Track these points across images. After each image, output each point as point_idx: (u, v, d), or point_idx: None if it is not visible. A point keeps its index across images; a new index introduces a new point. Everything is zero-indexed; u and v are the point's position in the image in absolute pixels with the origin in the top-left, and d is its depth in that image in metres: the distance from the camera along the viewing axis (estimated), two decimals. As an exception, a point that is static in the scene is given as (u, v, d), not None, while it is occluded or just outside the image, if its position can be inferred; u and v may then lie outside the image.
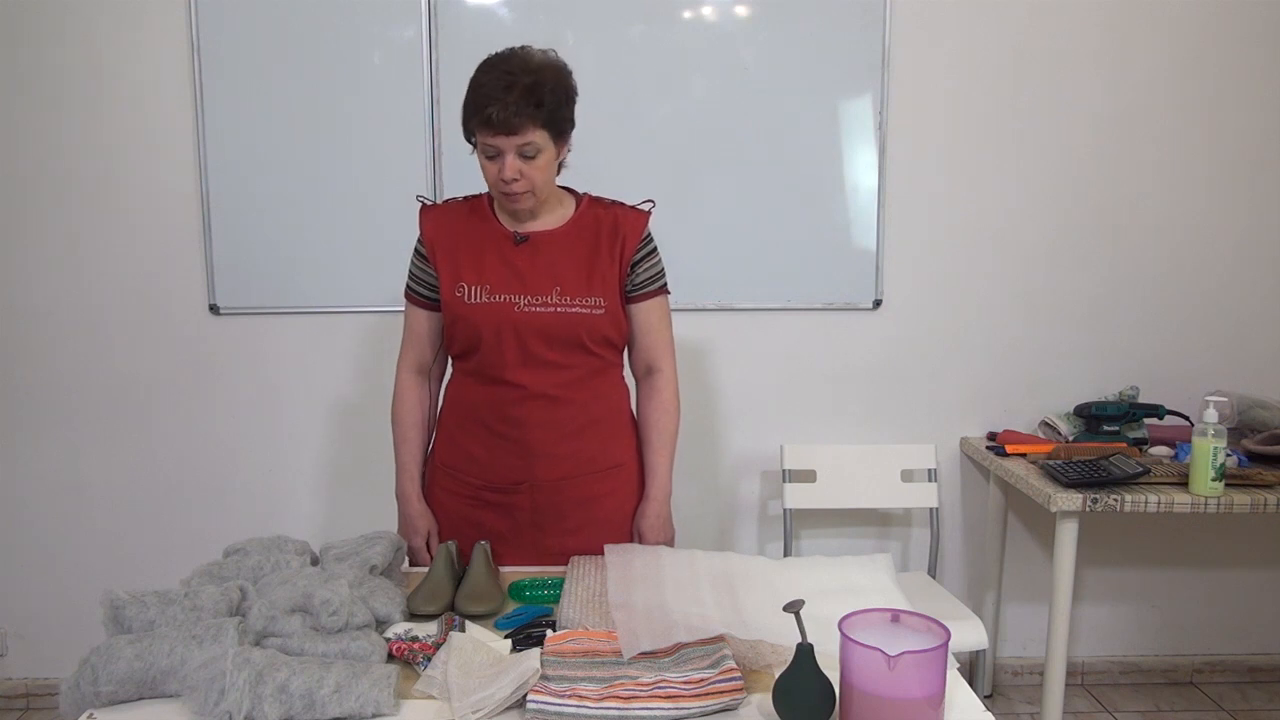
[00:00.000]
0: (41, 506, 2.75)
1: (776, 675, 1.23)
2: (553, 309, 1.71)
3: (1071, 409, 2.75)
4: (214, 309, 2.68)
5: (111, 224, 2.65)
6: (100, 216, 2.64)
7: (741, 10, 2.61)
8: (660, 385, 1.84)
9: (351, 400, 2.74)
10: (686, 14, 2.61)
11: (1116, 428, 2.63)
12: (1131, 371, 2.81)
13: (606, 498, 1.80)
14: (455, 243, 1.77)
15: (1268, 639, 2.98)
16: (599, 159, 2.65)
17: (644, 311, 1.80)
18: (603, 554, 1.67)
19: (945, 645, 1.13)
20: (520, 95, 1.65)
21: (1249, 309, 2.82)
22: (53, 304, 2.67)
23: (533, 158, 1.69)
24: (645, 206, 1.86)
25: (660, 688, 1.20)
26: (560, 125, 1.74)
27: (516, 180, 1.69)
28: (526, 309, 1.70)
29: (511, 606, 1.58)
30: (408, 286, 1.86)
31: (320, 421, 2.74)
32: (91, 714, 1.22)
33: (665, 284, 1.84)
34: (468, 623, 1.47)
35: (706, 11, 2.61)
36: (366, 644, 1.31)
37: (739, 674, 1.24)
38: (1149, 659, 2.97)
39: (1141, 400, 2.75)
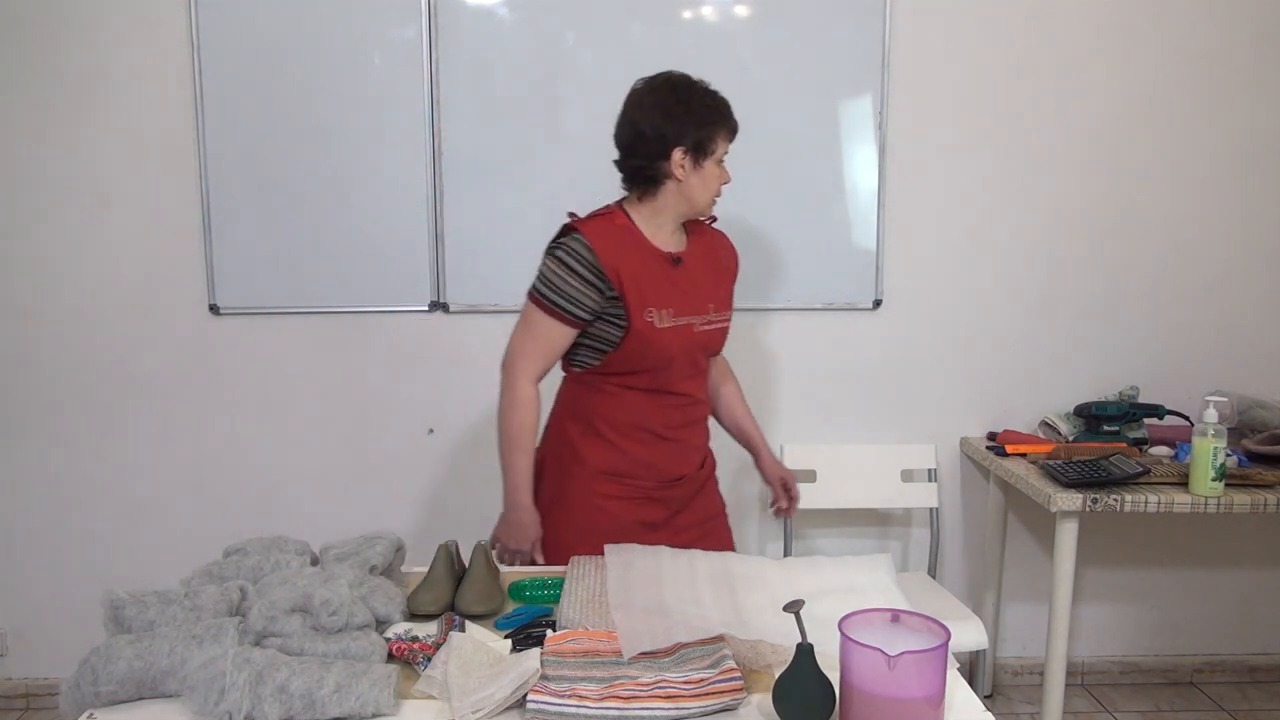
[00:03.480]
0: (41, 506, 2.75)
1: (776, 675, 1.23)
2: (713, 325, 1.90)
3: (1071, 409, 2.75)
4: (214, 309, 2.68)
5: (111, 224, 2.65)
6: (100, 216, 2.64)
7: (741, 10, 2.61)
8: (729, 370, 2.18)
9: (351, 400, 2.74)
10: (686, 14, 2.61)
11: (1116, 428, 2.63)
12: (1131, 371, 2.82)
13: (712, 474, 2.05)
14: (632, 268, 1.80)
15: (1268, 639, 2.98)
16: (599, 159, 2.65)
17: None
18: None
19: (945, 645, 1.13)
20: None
21: (1249, 309, 2.82)
22: (53, 304, 2.67)
23: None
24: (714, 225, 2.01)
25: (660, 688, 1.20)
26: None
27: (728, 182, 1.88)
28: (701, 328, 1.87)
29: (511, 606, 1.58)
30: (552, 301, 1.80)
31: (320, 422, 2.74)
32: (91, 714, 1.22)
33: None
34: (468, 623, 1.47)
35: (706, 11, 2.61)
36: (366, 644, 1.31)
37: (739, 674, 1.24)
38: (1149, 659, 2.97)
39: (1141, 400, 2.75)
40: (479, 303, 2.69)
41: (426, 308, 2.70)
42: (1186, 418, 2.65)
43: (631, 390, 1.85)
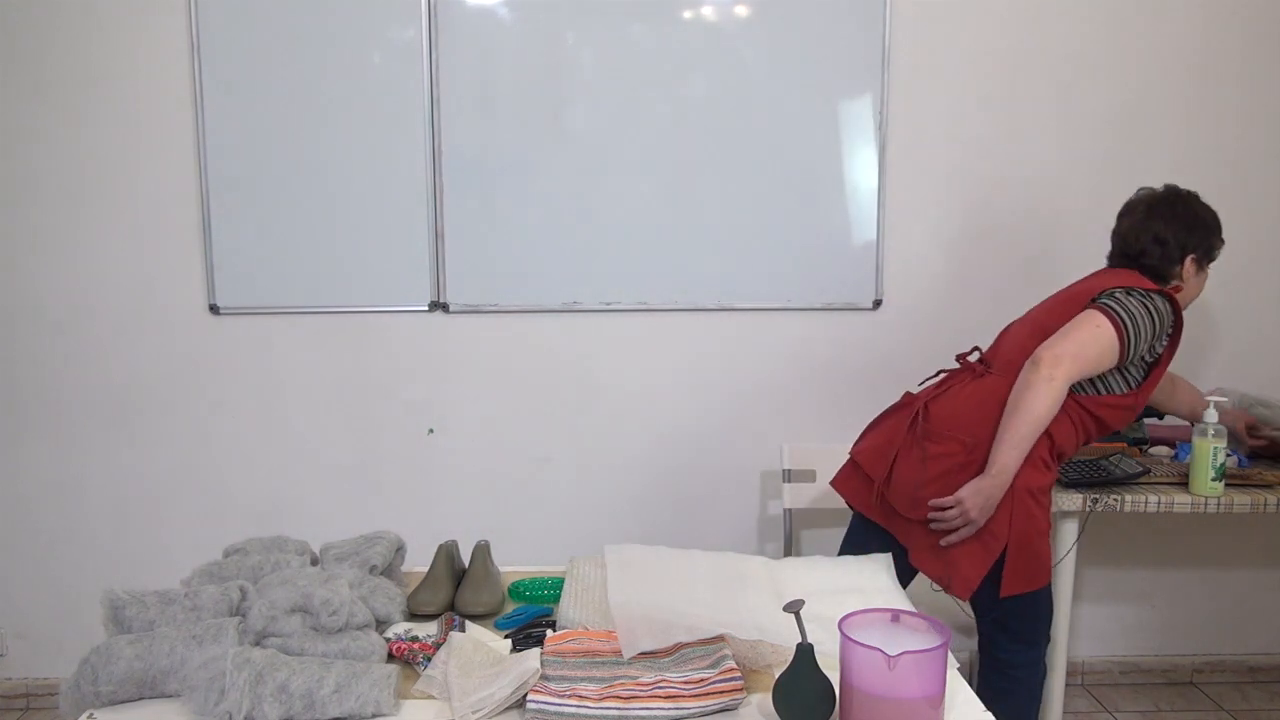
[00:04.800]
0: (41, 506, 2.75)
1: (776, 675, 1.23)
2: None
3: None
4: (214, 309, 2.68)
5: (111, 224, 2.65)
6: (100, 216, 2.64)
7: (741, 10, 2.61)
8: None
9: (351, 400, 2.74)
10: (686, 14, 2.61)
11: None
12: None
13: None
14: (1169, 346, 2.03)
15: (1268, 639, 2.98)
16: (599, 159, 2.66)
17: None
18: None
19: (945, 645, 1.13)
20: None
21: (1249, 308, 2.82)
22: (53, 304, 2.67)
23: None
24: None
25: (660, 688, 1.20)
26: None
27: None
28: None
29: (511, 606, 1.58)
30: (1124, 329, 1.90)
31: (320, 422, 2.74)
32: (91, 714, 1.22)
33: None
34: (468, 623, 1.47)
35: (706, 11, 2.61)
36: (366, 644, 1.32)
37: (739, 674, 1.24)
38: (1149, 659, 2.97)
39: (1141, 400, 2.75)
40: (479, 303, 2.69)
41: (426, 308, 2.70)
42: (1186, 418, 2.65)
43: (1080, 425, 2.00)
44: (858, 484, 2.13)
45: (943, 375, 2.18)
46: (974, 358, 2.15)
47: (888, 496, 2.04)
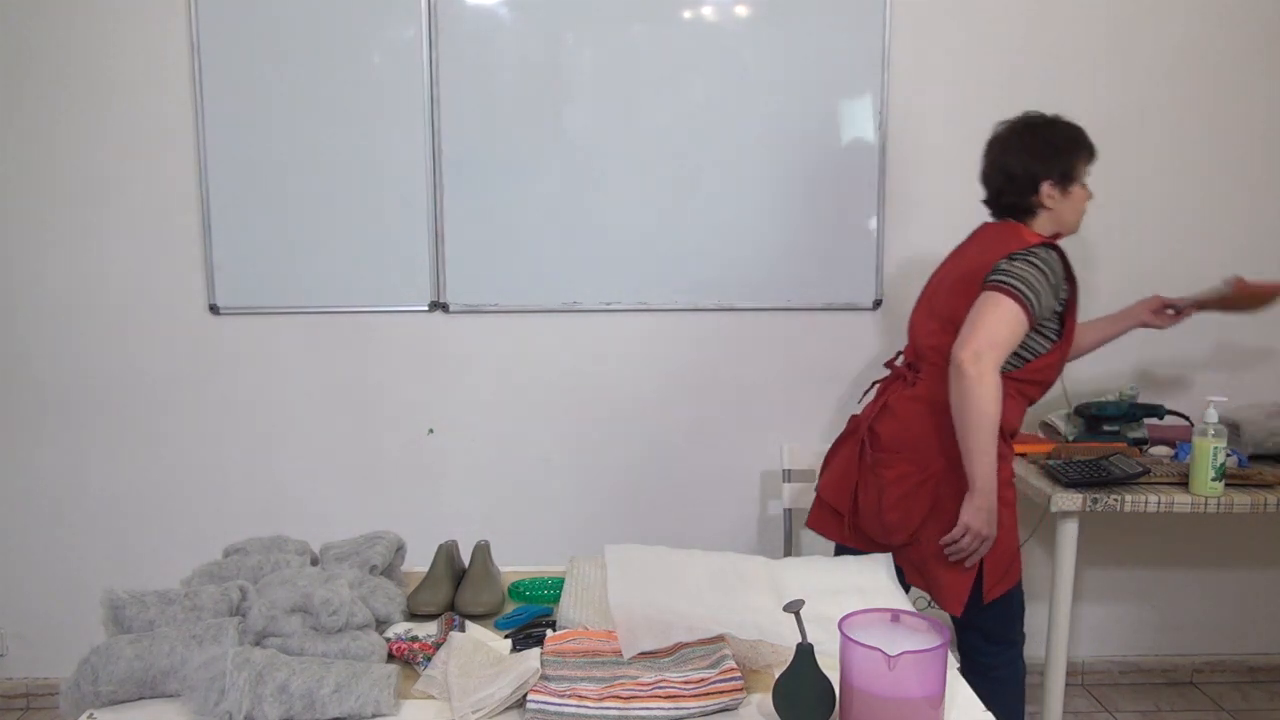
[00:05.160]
0: (41, 506, 2.75)
1: (776, 675, 1.23)
2: None
3: (1071, 409, 2.75)
4: (214, 309, 2.68)
5: (111, 223, 2.65)
6: (100, 216, 2.64)
7: (741, 10, 2.61)
8: None
9: (351, 400, 2.74)
10: (686, 14, 2.61)
11: (1116, 428, 2.63)
12: (1131, 371, 2.82)
13: None
14: (1072, 286, 2.00)
15: (1268, 639, 2.98)
16: (599, 159, 2.66)
17: None
18: None
19: (945, 645, 1.13)
20: None
21: (1249, 309, 2.82)
22: (52, 304, 2.67)
23: None
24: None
25: (660, 688, 1.20)
26: None
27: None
28: None
29: (511, 606, 1.58)
30: (1026, 298, 1.88)
31: (320, 422, 2.74)
32: (91, 714, 1.22)
33: None
34: (468, 623, 1.47)
35: (706, 11, 2.61)
36: (366, 644, 1.32)
37: (739, 674, 1.24)
38: (1149, 659, 2.97)
39: (1141, 400, 2.75)
40: (479, 303, 2.69)
41: (426, 308, 2.70)
42: (1186, 418, 2.65)
43: (1022, 396, 2.00)
44: (829, 519, 2.17)
45: (877, 386, 2.19)
46: (900, 362, 2.16)
47: (860, 526, 2.08)
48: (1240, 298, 2.31)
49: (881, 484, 2.02)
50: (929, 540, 1.98)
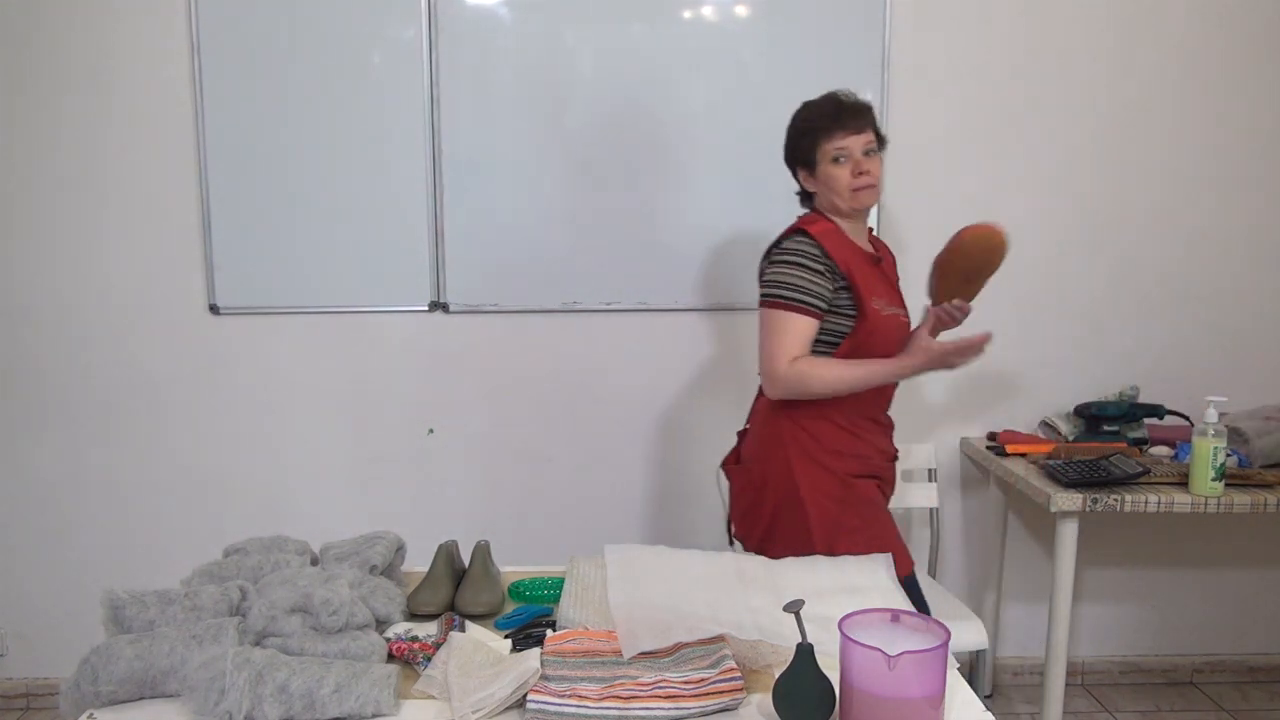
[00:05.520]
0: (41, 506, 2.75)
1: (776, 675, 1.23)
2: (907, 320, 2.04)
3: (1071, 409, 2.75)
4: (214, 309, 2.68)
5: (111, 224, 2.65)
6: (100, 216, 2.64)
7: (741, 10, 2.61)
8: None
9: (351, 400, 2.74)
10: (686, 14, 2.61)
11: (1116, 428, 2.63)
12: (1131, 371, 2.82)
13: None
14: (851, 262, 1.93)
15: (1268, 639, 2.98)
16: (599, 158, 2.66)
17: None
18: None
19: (945, 645, 1.13)
20: (857, 105, 1.96)
21: (1250, 308, 2.82)
22: (52, 304, 2.67)
23: (874, 155, 1.94)
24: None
25: (660, 688, 1.20)
26: (881, 138, 1.99)
27: (867, 174, 1.92)
28: (904, 319, 2.02)
29: (511, 606, 1.58)
30: (790, 299, 1.89)
31: (320, 422, 2.74)
32: (91, 714, 1.22)
33: None
34: (468, 623, 1.47)
35: (706, 11, 2.61)
36: (366, 644, 1.31)
37: (739, 674, 1.24)
38: (1149, 659, 2.97)
39: (1141, 400, 2.75)
40: (479, 303, 2.69)
41: (426, 308, 2.70)
42: (1186, 418, 2.65)
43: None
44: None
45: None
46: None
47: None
48: (964, 254, 1.98)
49: (735, 493, 2.11)
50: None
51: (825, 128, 1.93)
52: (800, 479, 1.95)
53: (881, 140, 1.98)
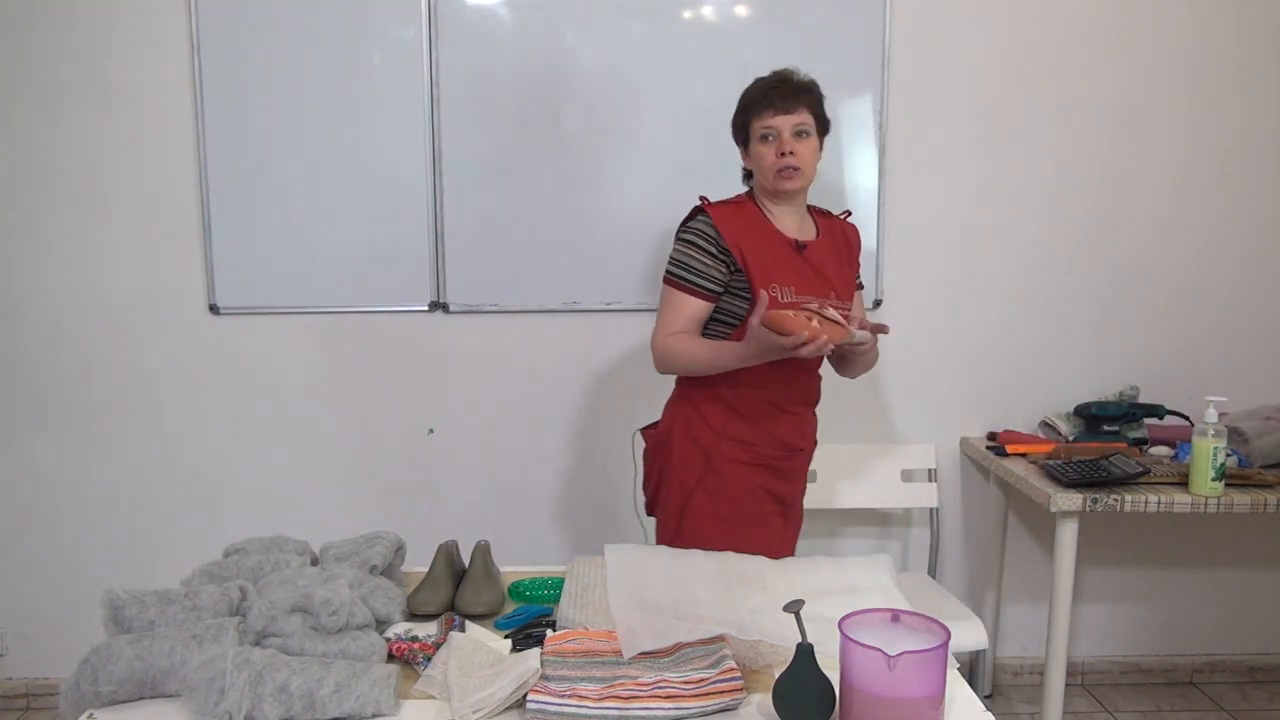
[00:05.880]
0: (41, 506, 2.75)
1: (776, 675, 1.23)
2: (842, 308, 1.97)
3: (1071, 409, 2.75)
4: (214, 309, 2.68)
5: (111, 224, 2.65)
6: (100, 216, 2.64)
7: (741, 10, 2.61)
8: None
9: (351, 400, 2.74)
10: (686, 14, 2.61)
11: (1116, 428, 2.63)
12: (1131, 371, 2.82)
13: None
14: (753, 244, 1.91)
15: (1268, 639, 2.98)
16: (599, 158, 2.66)
17: (856, 304, 2.11)
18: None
19: (945, 645, 1.13)
20: (791, 84, 1.93)
21: (1250, 309, 2.82)
22: (52, 304, 2.67)
23: (805, 138, 1.91)
24: (848, 219, 2.13)
25: (660, 688, 1.20)
26: (822, 120, 1.97)
27: (792, 156, 1.89)
28: (819, 307, 1.95)
29: (511, 606, 1.58)
30: (683, 279, 1.92)
31: (320, 422, 2.74)
32: (91, 714, 1.22)
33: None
34: (468, 623, 1.47)
35: (706, 11, 2.61)
36: (366, 644, 1.32)
37: (739, 674, 1.24)
38: (1149, 659, 2.97)
39: (1141, 400, 2.75)
40: (479, 303, 2.69)
41: (426, 308, 2.70)
42: (1186, 418, 2.65)
43: (759, 366, 1.93)
44: None
45: None
46: None
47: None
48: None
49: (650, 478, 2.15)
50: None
51: (756, 104, 1.93)
52: (674, 452, 2.01)
53: (823, 124, 1.96)
